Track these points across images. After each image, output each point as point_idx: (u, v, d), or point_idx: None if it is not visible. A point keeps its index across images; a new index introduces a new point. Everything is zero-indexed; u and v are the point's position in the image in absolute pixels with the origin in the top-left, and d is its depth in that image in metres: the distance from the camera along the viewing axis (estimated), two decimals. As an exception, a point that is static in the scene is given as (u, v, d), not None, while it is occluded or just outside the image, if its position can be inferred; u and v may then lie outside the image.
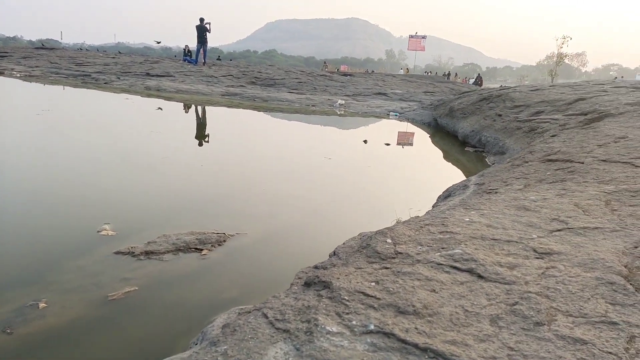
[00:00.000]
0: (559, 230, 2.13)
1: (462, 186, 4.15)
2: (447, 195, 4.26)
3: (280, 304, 1.54)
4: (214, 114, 11.26)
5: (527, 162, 4.13)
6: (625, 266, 1.70)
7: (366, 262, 1.87)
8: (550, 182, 3.31)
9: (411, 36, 40.68)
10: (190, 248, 2.73)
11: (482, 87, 36.23)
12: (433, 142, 9.19)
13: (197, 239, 2.82)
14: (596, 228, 2.11)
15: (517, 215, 2.41)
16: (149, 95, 13.39)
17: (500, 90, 9.90)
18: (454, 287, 1.58)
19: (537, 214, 2.42)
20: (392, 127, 11.73)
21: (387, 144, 7.81)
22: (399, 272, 1.70)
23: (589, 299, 1.44)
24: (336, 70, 43.94)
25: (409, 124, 12.06)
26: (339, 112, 14.64)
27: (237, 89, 16.29)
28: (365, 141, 7.98)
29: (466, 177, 5.11)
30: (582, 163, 3.58)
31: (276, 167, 5.38)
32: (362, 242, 2.20)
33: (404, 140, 9.38)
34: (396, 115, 13.60)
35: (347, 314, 1.41)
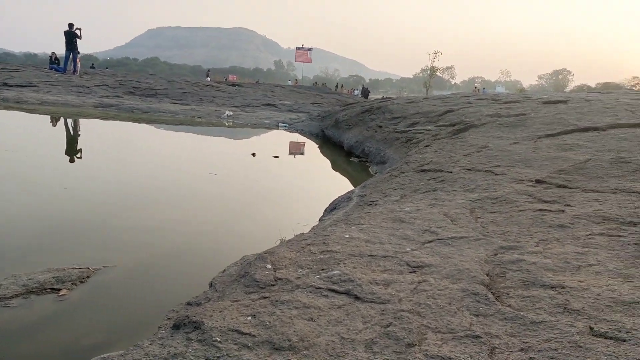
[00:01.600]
0: (430, 241, 2.24)
1: (346, 198, 4.25)
2: (333, 207, 4.33)
3: (142, 355, 1.36)
4: (85, 127, 10.25)
5: (403, 172, 4.37)
6: (487, 274, 1.82)
7: (244, 292, 1.76)
8: (424, 192, 3.52)
9: (298, 48, 41.62)
10: (46, 289, 2.37)
11: (369, 98, 38.29)
12: (321, 153, 9.39)
13: (54, 277, 2.45)
14: (462, 237, 2.25)
15: (393, 228, 2.49)
16: (6, 108, 11.75)
17: (380, 102, 10.49)
18: (331, 312, 1.54)
19: (411, 225, 2.53)
20: (281, 138, 11.76)
21: (276, 157, 7.78)
22: (277, 301, 1.62)
23: (455, 312, 1.50)
24: (224, 80, 43.13)
25: (298, 135, 12.20)
26: (227, 124, 14.32)
27: (113, 100, 15.07)
28: (253, 154, 7.86)
29: (352, 187, 5.25)
30: (451, 172, 3.88)
31: (154, 187, 5.01)
32: (242, 269, 2.09)
33: (294, 151, 9.45)
34: (285, 127, 13.70)
35: (218, 358, 1.29)
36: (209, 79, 31.97)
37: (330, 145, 10.18)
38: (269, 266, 1.94)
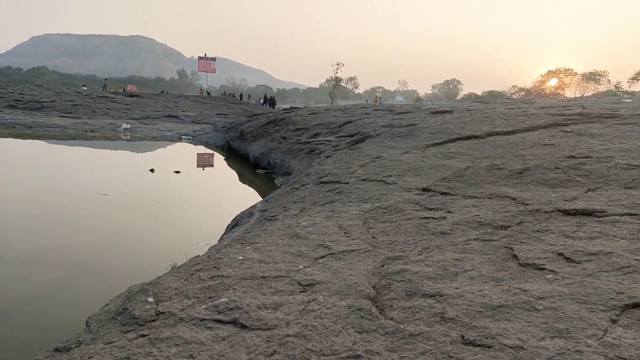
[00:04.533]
0: (323, 257, 2.25)
1: (248, 213, 4.18)
2: (235, 223, 4.23)
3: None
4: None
5: (304, 185, 4.40)
6: (374, 287, 1.87)
7: (120, 332, 1.62)
8: (322, 204, 3.56)
9: (200, 58, 40.47)
10: None
11: (276, 107, 38.30)
12: (226, 165, 9.17)
13: None
14: (353, 250, 2.30)
15: (289, 245, 2.47)
16: None
17: (284, 113, 10.55)
18: (214, 345, 1.47)
19: (307, 241, 2.54)
20: (184, 151, 11.31)
21: (177, 172, 7.44)
22: (156, 339, 1.51)
23: (340, 331, 1.51)
24: (122, 90, 40.47)
25: (202, 147, 11.83)
26: (124, 137, 13.46)
27: (-11, 114, 13.48)
28: (152, 170, 7.44)
29: (257, 200, 5.18)
30: (348, 183, 3.98)
31: (35, 212, 4.51)
32: (122, 304, 1.92)
33: (198, 164, 9.12)
34: (189, 139, 13.22)
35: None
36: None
37: (236, 157, 10.01)
38: (150, 299, 1.81)
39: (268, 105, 34.47)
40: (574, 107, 6.00)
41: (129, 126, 14.57)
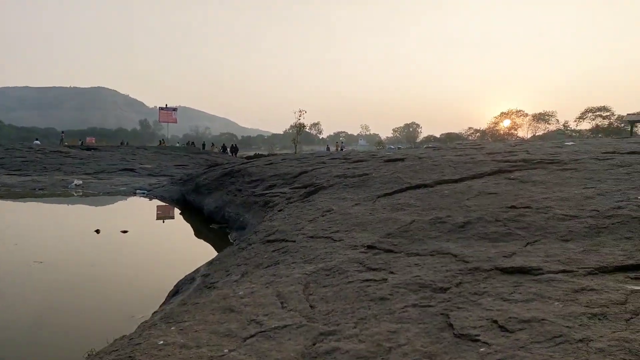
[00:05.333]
0: (253, 335, 2.08)
1: (190, 279, 3.95)
2: (176, 291, 3.98)
3: None
4: None
5: (250, 244, 4.23)
6: (301, 372, 1.71)
7: None
8: (266, 267, 3.40)
9: (161, 108, 40.39)
10: None
11: (238, 154, 38.15)
12: (179, 221, 8.87)
13: None
14: (286, 326, 2.14)
15: (219, 323, 2.29)
16: None
17: (240, 164, 10.44)
18: None
19: (239, 315, 2.36)
20: (136, 207, 10.93)
21: (125, 231, 7.10)
22: None
23: None
24: (80, 144, 39.54)
25: (156, 201, 11.48)
26: (75, 194, 12.94)
27: None
28: (97, 231, 7.08)
29: (207, 259, 4.93)
30: (295, 241, 3.85)
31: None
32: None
33: (147, 222, 8.77)
34: (144, 193, 12.83)
35: None
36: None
37: (192, 211, 9.72)
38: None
39: (230, 154, 34.37)
40: (519, 152, 6.18)
41: (81, 182, 14.06)
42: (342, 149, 42.04)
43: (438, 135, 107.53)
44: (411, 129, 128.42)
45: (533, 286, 2.13)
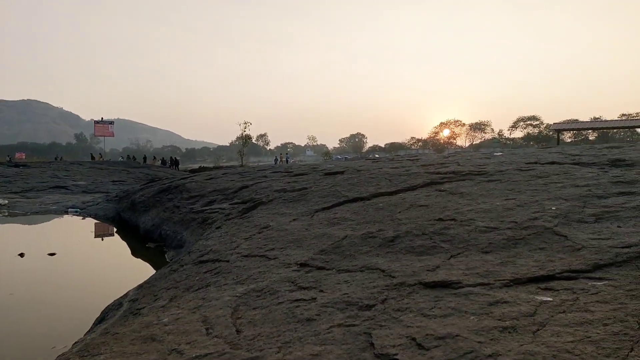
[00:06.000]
0: (171, 367, 1.99)
1: (117, 305, 3.73)
2: (102, 317, 3.75)
3: None
4: None
5: (183, 265, 4.09)
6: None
7: None
8: (196, 290, 3.29)
9: (97, 122, 38.57)
10: None
11: (180, 167, 37.09)
12: (113, 241, 8.44)
13: None
14: (207, 355, 2.06)
15: (137, 354, 2.17)
16: None
17: (179, 180, 10.14)
18: None
19: (161, 345, 2.25)
20: (67, 227, 10.30)
21: (52, 254, 6.64)
22: None
23: None
24: (7, 159, 36.94)
25: (90, 220, 10.88)
26: (0, 215, 12.01)
27: None
28: (21, 255, 6.58)
29: (139, 281, 4.69)
30: (228, 261, 3.76)
31: None
32: None
33: (78, 242, 8.26)
34: (77, 212, 12.12)
35: None
36: None
37: (127, 230, 9.28)
38: None
39: (172, 167, 33.33)
40: (450, 164, 6.44)
41: (6, 201, 13.08)
42: (287, 161, 42.05)
43: (383, 145, 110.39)
44: (357, 139, 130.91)
45: (452, 300, 2.19)
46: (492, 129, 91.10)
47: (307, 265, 3.23)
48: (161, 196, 9.00)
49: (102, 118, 38.02)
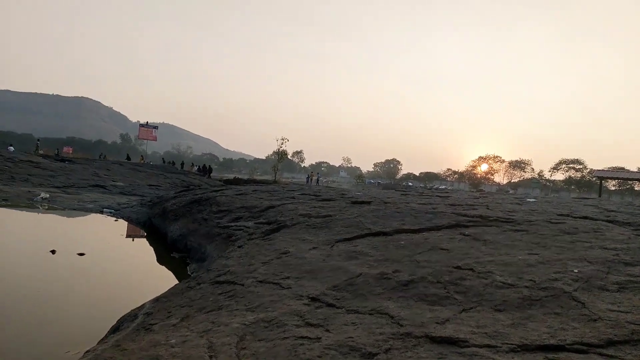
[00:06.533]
0: (170, 393, 2.04)
1: (133, 316, 3.84)
2: (117, 327, 3.87)
3: None
4: None
5: (199, 284, 4.17)
6: None
7: None
8: (208, 312, 3.35)
9: (142, 125, 40.14)
10: None
11: (212, 175, 37.80)
12: (140, 247, 8.70)
13: None
14: (206, 385, 2.10)
15: (140, 375, 2.23)
16: None
17: (211, 192, 10.38)
18: None
19: (164, 368, 2.31)
20: (100, 227, 10.68)
21: (81, 254, 6.91)
22: None
23: None
24: (55, 153, 38.70)
25: (123, 222, 11.25)
26: (41, 208, 12.61)
27: None
28: (53, 251, 6.88)
29: (160, 291, 4.81)
30: (243, 285, 3.81)
31: None
32: None
33: (108, 244, 8.56)
34: (111, 212, 12.57)
35: None
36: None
37: (156, 236, 9.55)
38: None
39: (204, 175, 34.11)
40: (479, 206, 6.32)
41: (47, 195, 13.72)
42: (317, 181, 42.19)
43: (417, 174, 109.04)
44: (391, 165, 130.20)
45: (455, 360, 2.15)
46: (533, 168, 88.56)
47: (318, 300, 3.24)
48: (192, 207, 9.24)
49: (147, 122, 39.65)
